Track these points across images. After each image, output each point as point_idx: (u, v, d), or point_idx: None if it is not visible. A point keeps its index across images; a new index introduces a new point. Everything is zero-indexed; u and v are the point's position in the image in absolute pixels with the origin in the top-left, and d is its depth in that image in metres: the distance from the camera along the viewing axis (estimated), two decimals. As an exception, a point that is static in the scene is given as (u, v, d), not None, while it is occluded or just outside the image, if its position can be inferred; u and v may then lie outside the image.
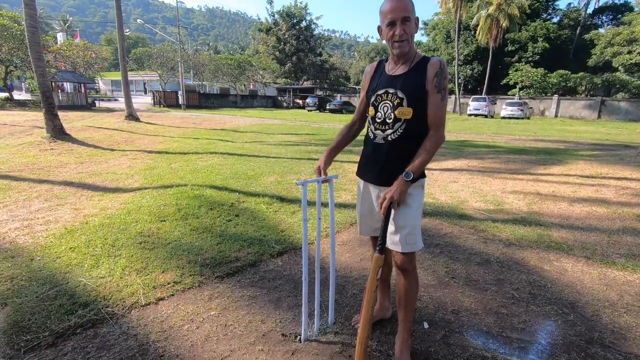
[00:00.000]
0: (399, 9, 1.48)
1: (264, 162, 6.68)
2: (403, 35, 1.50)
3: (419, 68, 1.55)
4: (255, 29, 53.92)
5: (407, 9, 1.48)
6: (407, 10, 1.48)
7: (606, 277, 2.58)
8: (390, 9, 1.49)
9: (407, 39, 1.51)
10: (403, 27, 1.49)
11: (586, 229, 3.54)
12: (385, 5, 1.52)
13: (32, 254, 2.70)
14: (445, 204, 4.27)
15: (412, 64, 1.57)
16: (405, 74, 1.57)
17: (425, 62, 1.55)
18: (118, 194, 4.49)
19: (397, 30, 1.50)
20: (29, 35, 8.28)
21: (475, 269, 2.67)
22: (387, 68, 1.65)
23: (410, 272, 1.66)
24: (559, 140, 12.09)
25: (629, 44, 28.23)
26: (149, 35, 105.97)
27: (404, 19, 1.48)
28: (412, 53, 1.58)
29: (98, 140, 9.37)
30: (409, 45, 1.53)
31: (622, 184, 5.27)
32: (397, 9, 1.48)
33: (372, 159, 1.70)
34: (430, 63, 1.53)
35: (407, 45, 1.53)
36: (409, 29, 1.50)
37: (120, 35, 14.94)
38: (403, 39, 1.51)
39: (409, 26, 1.50)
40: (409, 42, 1.53)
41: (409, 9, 1.49)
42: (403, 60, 1.58)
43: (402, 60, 1.59)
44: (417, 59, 1.58)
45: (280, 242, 3.03)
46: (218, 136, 11.03)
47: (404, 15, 1.48)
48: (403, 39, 1.51)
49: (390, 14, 1.49)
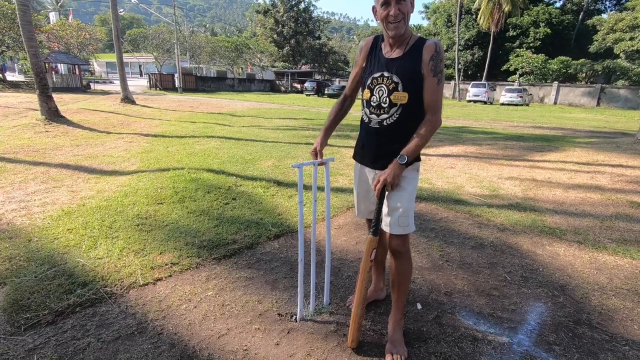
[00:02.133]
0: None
1: (262, 146, 6.65)
2: (398, 15, 1.45)
3: (414, 51, 1.51)
4: (253, 10, 52.72)
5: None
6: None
7: (597, 261, 2.63)
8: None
9: (402, 19, 1.47)
10: (398, 7, 1.44)
11: (580, 214, 3.59)
12: None
13: (29, 235, 2.71)
14: (441, 189, 4.29)
15: (408, 46, 1.53)
16: (400, 57, 1.53)
17: (421, 44, 1.51)
18: (115, 176, 4.47)
19: (391, 10, 1.45)
20: (20, 14, 8.08)
21: (469, 252, 2.71)
22: (383, 50, 1.61)
23: (403, 254, 1.68)
24: (557, 127, 12.08)
25: (632, 30, 27.89)
26: (144, 15, 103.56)
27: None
28: (408, 34, 1.54)
29: (94, 123, 9.27)
30: (404, 25, 1.49)
31: (617, 171, 5.31)
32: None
33: (368, 143, 1.70)
34: (425, 46, 1.49)
35: (403, 26, 1.49)
36: (404, 8, 1.45)
37: (114, 16, 14.59)
38: (398, 19, 1.46)
39: (405, 5, 1.45)
40: (405, 23, 1.49)
41: None
42: (399, 42, 1.55)
43: (398, 42, 1.55)
44: (412, 41, 1.54)
45: (277, 225, 3.06)
46: (215, 120, 10.94)
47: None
48: (398, 19, 1.46)
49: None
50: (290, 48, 46.00)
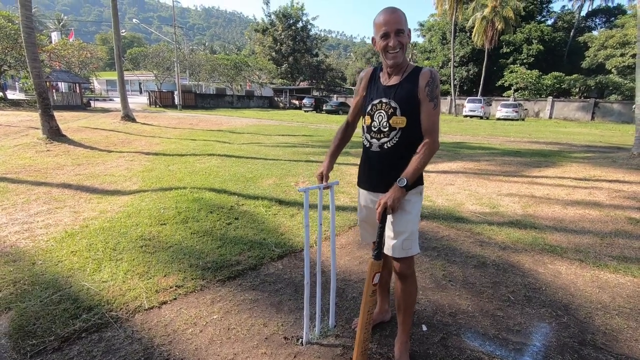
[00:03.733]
0: (393, 22, 1.54)
1: (262, 164, 6.71)
2: (397, 45, 1.56)
3: (411, 78, 1.60)
4: (252, 29, 53.79)
5: (400, 21, 1.54)
6: (401, 23, 1.54)
7: (599, 280, 2.65)
8: (384, 22, 1.55)
9: (401, 49, 1.58)
10: (397, 39, 1.55)
11: (579, 231, 3.62)
12: (379, 17, 1.58)
13: (33, 258, 2.71)
14: (442, 207, 4.33)
15: (405, 74, 1.62)
16: (398, 84, 1.62)
17: (417, 72, 1.60)
18: (117, 196, 4.50)
19: (391, 41, 1.56)
20: (25, 36, 8.24)
21: (471, 271, 2.73)
22: (381, 79, 1.70)
23: (408, 277, 1.70)
24: (553, 142, 12.24)
25: (622, 46, 28.60)
26: (145, 34, 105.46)
27: (397, 31, 1.54)
28: (405, 63, 1.64)
29: (95, 141, 9.34)
30: (402, 55, 1.59)
31: (614, 187, 5.37)
32: (391, 21, 1.54)
33: (369, 167, 1.75)
34: (421, 73, 1.58)
35: (401, 56, 1.59)
36: (403, 39, 1.56)
37: (116, 36, 14.88)
38: (397, 49, 1.57)
39: (403, 37, 1.56)
40: (403, 52, 1.59)
41: (402, 21, 1.55)
42: (396, 71, 1.64)
43: (395, 70, 1.64)
44: (409, 69, 1.63)
45: (280, 245, 3.07)
46: (215, 137, 11.03)
47: (398, 28, 1.54)
48: (397, 50, 1.57)
49: (385, 26, 1.55)
50: (289, 65, 46.75)
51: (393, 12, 1.55)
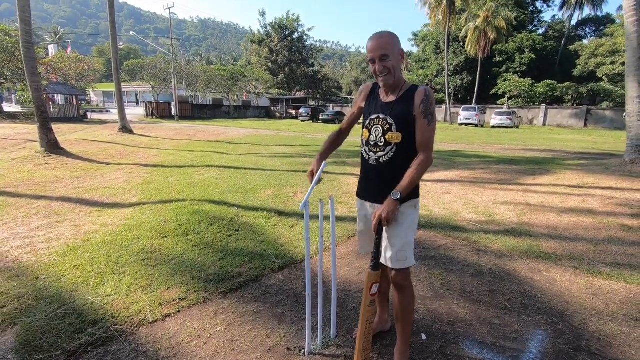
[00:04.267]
0: (377, 48, 1.63)
1: (260, 175, 6.77)
2: (383, 70, 1.65)
3: (407, 96, 1.68)
4: (248, 40, 54.34)
5: (384, 47, 1.62)
6: (385, 48, 1.62)
7: (593, 287, 2.71)
8: (371, 48, 1.65)
9: (389, 73, 1.65)
10: (382, 64, 1.64)
11: (574, 239, 3.69)
12: (367, 43, 1.68)
13: (36, 273, 2.74)
14: (439, 216, 4.40)
15: (402, 92, 1.70)
16: (394, 101, 1.71)
17: (413, 90, 1.68)
18: (117, 209, 4.53)
19: (376, 67, 1.66)
20: (24, 50, 8.33)
21: (469, 280, 2.79)
22: (380, 95, 1.78)
23: (405, 287, 1.76)
24: (547, 149, 12.41)
25: (612, 54, 29.19)
26: (141, 46, 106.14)
27: (381, 56, 1.63)
28: (400, 82, 1.71)
29: (93, 153, 9.37)
30: (392, 77, 1.67)
31: (607, 194, 5.47)
32: (375, 47, 1.63)
33: (367, 179, 1.83)
34: (417, 92, 1.66)
35: (390, 78, 1.67)
36: (388, 64, 1.64)
37: (114, 49, 15.03)
38: (384, 73, 1.66)
39: (388, 62, 1.63)
40: (392, 75, 1.66)
41: (388, 46, 1.62)
42: (392, 90, 1.73)
43: (391, 90, 1.73)
44: (405, 88, 1.71)
45: (280, 256, 3.12)
46: (213, 148, 11.10)
47: (381, 54, 1.62)
48: (384, 74, 1.66)
49: (371, 52, 1.65)
50: (285, 75, 47.15)
51: (378, 38, 1.64)
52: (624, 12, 8.16)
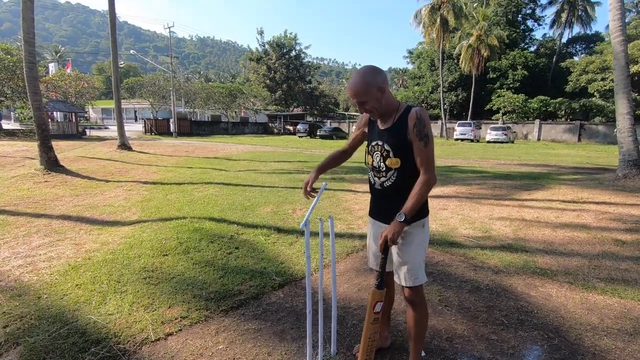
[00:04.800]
0: (352, 96, 1.71)
1: (259, 192, 6.83)
2: (365, 111, 1.75)
3: (401, 121, 1.72)
4: (246, 58, 55.29)
5: (358, 94, 1.68)
6: (360, 96, 1.68)
7: (588, 302, 2.76)
8: (349, 94, 1.73)
9: (373, 110, 1.73)
10: (362, 107, 1.73)
11: (569, 254, 3.75)
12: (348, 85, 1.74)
13: (38, 292, 2.76)
14: (436, 232, 4.46)
15: (396, 118, 1.74)
16: (389, 128, 1.76)
17: (406, 114, 1.71)
18: (117, 227, 4.56)
19: (360, 109, 1.75)
20: (27, 70, 8.48)
21: (466, 296, 2.83)
22: (378, 121, 1.84)
23: (417, 304, 1.82)
24: (542, 164, 12.57)
25: (602, 71, 29.86)
26: (141, 64, 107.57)
27: (359, 102, 1.71)
28: (391, 109, 1.75)
29: (92, 171, 9.42)
30: (376, 114, 1.75)
31: (601, 209, 5.56)
32: (351, 95, 1.71)
33: (375, 201, 1.93)
34: (409, 115, 1.69)
35: (375, 115, 1.76)
36: (369, 106, 1.71)
37: (114, 67, 15.28)
38: (368, 112, 1.75)
39: (367, 105, 1.70)
40: (376, 112, 1.73)
41: (361, 94, 1.67)
42: (385, 118, 1.78)
43: (384, 118, 1.78)
44: (400, 112, 1.73)
45: (280, 273, 3.15)
46: (211, 165, 11.18)
47: (358, 101, 1.70)
48: (368, 112, 1.76)
49: (350, 98, 1.75)
50: (283, 92, 47.79)
51: (352, 87, 1.68)
52: (610, 32, 8.46)
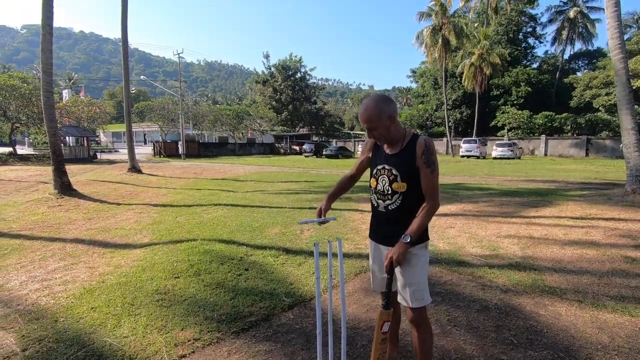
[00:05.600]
0: (364, 121, 1.81)
1: (267, 212, 6.92)
2: (374, 137, 1.85)
3: (409, 148, 1.82)
4: (253, 81, 56.71)
5: (369, 120, 1.78)
6: (371, 121, 1.78)
7: (598, 320, 2.75)
8: (360, 119, 1.83)
9: (381, 137, 1.83)
10: (372, 133, 1.84)
11: (578, 272, 3.74)
12: (359, 110, 1.86)
13: (55, 315, 2.84)
14: (443, 251, 4.47)
15: (404, 144, 1.84)
16: (398, 153, 1.85)
17: (414, 141, 1.81)
18: (129, 250, 4.66)
19: (369, 134, 1.86)
20: (45, 99, 8.86)
21: (475, 316, 2.84)
22: (384, 146, 1.94)
23: (421, 325, 1.86)
24: (549, 180, 12.52)
25: (606, 86, 29.96)
26: (150, 88, 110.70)
27: (369, 128, 1.81)
28: (399, 135, 1.85)
29: (103, 194, 9.63)
30: (384, 140, 1.85)
31: (610, 225, 5.53)
32: (363, 120, 1.82)
33: (378, 224, 1.98)
34: (417, 143, 1.79)
35: (383, 141, 1.87)
36: (377, 133, 1.81)
37: (126, 92, 15.81)
38: (376, 138, 1.86)
39: (377, 131, 1.80)
40: (384, 138, 1.84)
41: (373, 119, 1.76)
42: (393, 143, 1.88)
43: (392, 144, 1.88)
44: (407, 139, 1.84)
45: (290, 295, 3.20)
46: (219, 186, 11.35)
47: (368, 127, 1.81)
48: (376, 138, 1.86)
49: (361, 122, 1.85)
50: (288, 113, 48.65)
51: (364, 112, 1.79)
52: (610, 50, 8.61)
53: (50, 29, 8.83)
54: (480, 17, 41.44)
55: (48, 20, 8.72)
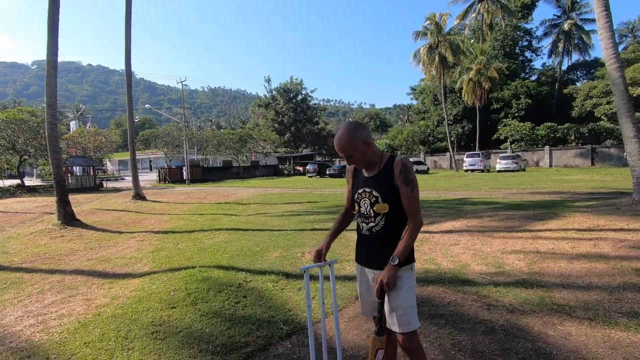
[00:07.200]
0: (339, 150, 1.84)
1: (268, 235, 6.85)
2: (352, 163, 1.87)
3: (386, 169, 1.82)
4: (255, 104, 57.70)
5: (344, 149, 1.81)
6: (346, 150, 1.80)
7: (610, 339, 2.61)
8: (337, 150, 1.85)
9: (360, 162, 1.85)
10: (349, 160, 1.85)
11: (587, 287, 3.60)
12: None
13: (47, 353, 2.77)
14: (447, 270, 4.36)
15: (381, 166, 1.85)
16: (376, 175, 1.85)
17: (391, 162, 1.82)
18: (128, 279, 4.60)
19: (348, 161, 1.88)
20: (49, 132, 9.04)
21: (480, 338, 2.72)
22: (363, 170, 1.93)
23: (414, 351, 1.78)
24: (555, 191, 12.34)
25: (606, 95, 29.97)
26: (156, 116, 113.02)
27: (345, 156, 1.83)
28: (377, 158, 1.86)
29: (106, 223, 9.65)
30: (363, 164, 1.86)
31: (619, 236, 5.38)
32: (338, 149, 1.84)
33: (363, 247, 1.95)
34: (395, 163, 1.80)
35: (361, 165, 1.87)
36: (355, 159, 1.83)
37: (130, 122, 16.11)
38: (355, 163, 1.87)
39: (354, 158, 1.83)
40: (363, 162, 1.85)
41: (347, 147, 1.79)
42: (371, 167, 1.88)
43: (370, 167, 1.88)
44: (384, 161, 1.85)
45: (288, 322, 3.10)
46: (222, 210, 11.33)
47: (344, 154, 1.83)
48: (355, 164, 1.88)
49: (338, 152, 1.86)
50: (291, 134, 49.17)
51: (337, 144, 1.83)
52: (605, 60, 8.64)
53: (55, 64, 9.12)
54: (476, 33, 42.17)
55: (53, 56, 9.02)
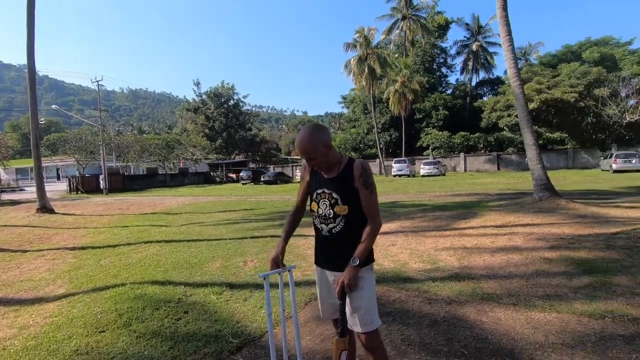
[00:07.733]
0: (301, 153, 1.84)
1: (206, 246, 6.48)
2: (314, 165, 1.87)
3: (346, 171, 1.84)
4: (183, 108, 54.66)
5: (306, 152, 1.79)
6: (307, 153, 1.80)
7: (532, 320, 2.96)
8: (298, 152, 1.86)
9: (321, 165, 1.85)
10: (310, 163, 1.86)
11: (508, 276, 4.06)
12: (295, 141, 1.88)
13: None
14: (389, 269, 4.56)
15: (341, 168, 1.86)
16: (336, 177, 1.85)
17: (351, 165, 1.84)
18: (39, 305, 3.96)
19: (308, 163, 1.88)
20: None
21: (426, 331, 2.88)
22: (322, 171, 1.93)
23: (376, 349, 1.81)
24: (471, 193, 13.77)
25: (507, 109, 34.46)
26: (64, 118, 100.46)
27: (307, 159, 1.84)
28: (336, 160, 1.87)
29: (4, 241, 8.24)
30: (324, 166, 1.86)
31: (527, 230, 6.17)
32: (300, 152, 1.84)
33: (322, 249, 1.93)
34: (354, 166, 1.83)
35: (323, 167, 1.87)
36: (316, 162, 1.83)
37: (34, 125, 14.04)
38: (316, 166, 1.87)
39: (315, 160, 1.82)
40: (324, 164, 1.85)
41: (309, 150, 1.78)
42: (331, 169, 1.88)
43: (330, 169, 1.88)
44: (344, 163, 1.86)
45: (237, 335, 2.95)
46: (150, 221, 10.45)
47: (306, 157, 1.83)
48: (316, 166, 1.88)
49: (299, 155, 1.86)
50: (223, 140, 47.48)
51: (298, 147, 1.82)
52: (509, 78, 9.95)
53: None
54: (400, 48, 45.48)
55: None
